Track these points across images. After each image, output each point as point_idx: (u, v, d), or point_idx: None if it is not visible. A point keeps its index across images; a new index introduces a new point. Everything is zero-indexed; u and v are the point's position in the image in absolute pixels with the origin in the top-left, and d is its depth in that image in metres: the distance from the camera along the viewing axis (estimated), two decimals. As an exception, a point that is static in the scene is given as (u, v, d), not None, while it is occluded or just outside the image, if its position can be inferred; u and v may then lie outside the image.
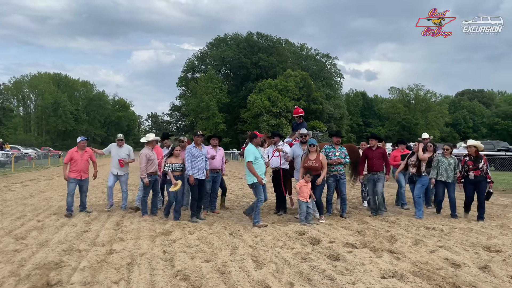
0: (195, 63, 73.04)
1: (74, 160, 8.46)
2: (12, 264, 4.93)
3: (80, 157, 8.48)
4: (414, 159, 8.38)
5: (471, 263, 4.88)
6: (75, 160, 8.46)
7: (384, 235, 6.43)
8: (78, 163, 8.44)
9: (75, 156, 8.47)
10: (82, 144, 8.60)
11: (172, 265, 4.85)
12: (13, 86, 74.54)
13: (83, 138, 8.71)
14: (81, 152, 8.53)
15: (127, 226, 7.20)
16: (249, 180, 7.47)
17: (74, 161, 8.46)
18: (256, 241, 6.11)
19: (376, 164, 8.34)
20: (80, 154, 8.50)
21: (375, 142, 8.54)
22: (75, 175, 8.42)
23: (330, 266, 4.77)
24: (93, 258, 5.10)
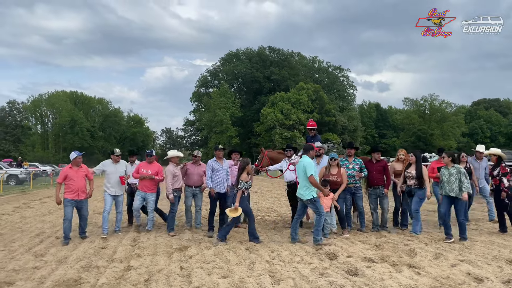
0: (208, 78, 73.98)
1: (69, 178, 7.43)
2: (32, 281, 5.00)
3: (76, 174, 7.49)
4: (411, 171, 7.70)
5: (494, 277, 4.75)
6: (70, 178, 7.44)
7: (403, 249, 6.31)
8: (74, 181, 7.44)
9: (70, 174, 7.45)
10: (78, 160, 7.60)
11: (190, 281, 4.85)
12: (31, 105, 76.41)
13: (78, 154, 7.66)
14: (76, 168, 7.57)
15: (144, 242, 7.23)
16: (307, 195, 6.95)
17: (70, 179, 7.44)
18: (273, 256, 6.07)
19: (377, 178, 8.08)
20: (76, 171, 7.52)
21: (378, 156, 8.32)
22: (72, 196, 7.40)
23: (349, 281, 4.70)
24: (111, 274, 5.14)
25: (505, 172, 7.69)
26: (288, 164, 8.71)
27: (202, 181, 8.51)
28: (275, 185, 20.63)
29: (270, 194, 17.16)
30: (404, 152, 8.17)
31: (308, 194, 6.94)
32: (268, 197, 15.94)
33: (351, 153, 8.31)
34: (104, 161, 8.39)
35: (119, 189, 8.17)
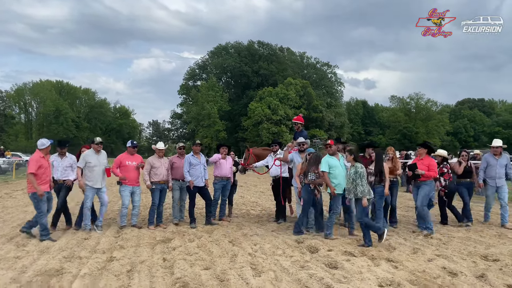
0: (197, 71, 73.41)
1: (42, 169, 6.77)
2: (13, 270, 4.98)
3: (47, 165, 6.95)
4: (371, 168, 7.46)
5: (468, 271, 4.93)
6: (44, 168, 6.81)
7: (383, 244, 6.46)
8: (47, 171, 6.89)
9: (44, 164, 6.83)
10: (49, 148, 7.01)
11: (172, 273, 4.90)
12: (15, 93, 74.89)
13: (51, 142, 7.05)
14: (46, 158, 7.01)
15: (127, 234, 7.24)
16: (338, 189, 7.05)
17: (43, 170, 6.78)
18: (255, 249, 6.16)
19: None
20: (47, 161, 6.97)
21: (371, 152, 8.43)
22: (45, 187, 6.80)
23: (328, 274, 4.81)
24: (94, 265, 5.16)
25: (442, 172, 8.10)
26: (274, 160, 8.81)
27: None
28: (261, 180, 20.74)
29: (256, 188, 17.28)
30: (392, 150, 8.30)
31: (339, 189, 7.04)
32: (254, 191, 16.05)
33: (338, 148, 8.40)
34: (85, 152, 7.75)
35: (102, 182, 7.70)
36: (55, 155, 7.68)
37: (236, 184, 9.75)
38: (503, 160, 8.32)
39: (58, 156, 7.64)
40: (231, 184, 9.09)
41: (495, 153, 8.39)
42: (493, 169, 8.28)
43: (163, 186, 8.21)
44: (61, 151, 7.65)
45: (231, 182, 9.08)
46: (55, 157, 7.61)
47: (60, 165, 7.55)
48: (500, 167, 8.25)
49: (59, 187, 7.55)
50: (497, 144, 8.44)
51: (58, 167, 7.54)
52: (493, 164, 8.29)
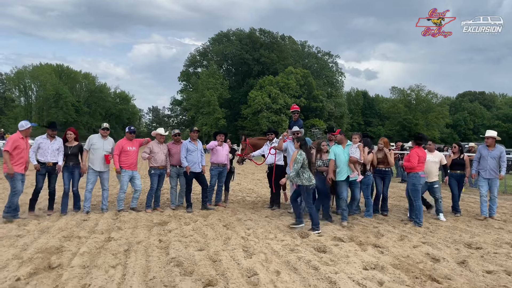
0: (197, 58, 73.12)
1: (20, 149, 6.91)
2: (15, 248, 5.20)
3: (26, 147, 7.03)
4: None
5: (450, 258, 5.15)
6: (21, 149, 6.93)
7: (372, 231, 6.69)
8: (24, 153, 6.97)
9: (21, 145, 6.93)
10: (30, 130, 7.14)
11: (167, 253, 5.12)
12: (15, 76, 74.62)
13: (33, 124, 7.19)
14: (25, 140, 7.12)
15: (125, 216, 7.46)
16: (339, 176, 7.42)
17: (20, 151, 6.92)
18: (248, 233, 6.38)
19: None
20: (25, 143, 7.07)
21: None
22: (21, 169, 6.94)
23: (316, 257, 5.03)
24: (92, 244, 5.37)
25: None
26: (270, 148, 8.98)
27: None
28: (258, 168, 20.95)
29: (253, 176, 17.52)
30: (384, 141, 8.47)
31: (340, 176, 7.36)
32: (251, 179, 16.28)
33: (332, 137, 8.60)
34: (92, 135, 8.10)
35: (104, 166, 7.89)
36: (42, 137, 7.58)
37: (233, 171, 9.95)
38: (496, 152, 8.23)
39: (47, 138, 7.54)
40: (227, 171, 9.29)
41: (487, 144, 8.33)
42: (485, 160, 8.25)
43: (161, 171, 8.41)
44: (52, 133, 7.58)
45: (228, 168, 9.27)
46: (43, 139, 7.53)
47: (50, 148, 7.48)
48: (492, 158, 8.19)
49: (49, 170, 7.48)
50: (489, 134, 8.36)
51: (48, 149, 7.45)
52: (485, 155, 8.26)
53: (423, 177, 7.61)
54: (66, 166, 7.66)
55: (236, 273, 4.35)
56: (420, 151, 7.57)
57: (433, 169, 8.15)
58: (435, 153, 8.33)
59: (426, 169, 7.97)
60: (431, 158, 8.13)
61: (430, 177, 8.09)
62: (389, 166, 8.35)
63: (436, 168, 8.19)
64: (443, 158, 8.37)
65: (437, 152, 8.46)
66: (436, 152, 8.38)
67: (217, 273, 4.38)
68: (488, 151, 8.28)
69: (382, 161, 8.23)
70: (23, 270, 4.29)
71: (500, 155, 8.22)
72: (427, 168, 7.97)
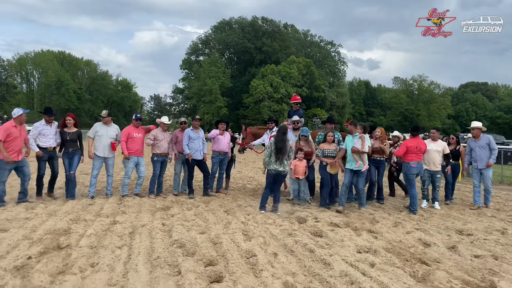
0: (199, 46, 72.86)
1: (12, 137, 6.88)
2: (25, 229, 5.43)
3: (19, 134, 7.03)
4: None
5: (441, 243, 5.38)
6: (13, 137, 6.89)
7: (367, 217, 6.92)
8: (16, 141, 6.97)
9: (14, 133, 6.92)
10: (23, 117, 7.15)
11: (170, 235, 5.35)
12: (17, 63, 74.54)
13: (24, 111, 7.15)
14: (19, 127, 7.10)
15: (129, 201, 7.70)
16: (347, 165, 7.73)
17: (12, 138, 6.88)
18: (248, 218, 6.61)
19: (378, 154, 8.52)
20: (19, 130, 7.06)
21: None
22: (14, 157, 6.94)
23: (312, 241, 5.26)
24: (98, 227, 5.61)
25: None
26: (270, 137, 9.17)
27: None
28: (259, 157, 21.16)
29: (254, 165, 17.75)
30: (380, 130, 8.65)
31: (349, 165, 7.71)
32: (252, 167, 16.51)
33: (332, 127, 8.76)
34: (96, 123, 8.30)
35: (109, 152, 8.08)
36: (41, 123, 7.68)
37: (234, 159, 10.15)
38: (482, 141, 8.30)
39: (46, 124, 7.68)
40: (228, 159, 9.50)
41: (473, 135, 8.45)
42: (474, 152, 8.39)
43: (164, 158, 8.63)
44: (49, 119, 7.69)
45: (229, 156, 9.48)
46: (43, 126, 7.66)
47: (50, 133, 7.67)
48: (480, 148, 8.27)
49: (51, 154, 7.68)
50: (474, 125, 8.43)
51: (49, 134, 7.63)
52: (474, 147, 8.40)
53: (414, 167, 7.71)
54: (66, 152, 7.81)
55: (236, 254, 4.59)
56: (412, 141, 7.70)
57: (436, 158, 8.19)
58: (438, 142, 8.38)
59: (428, 158, 8.15)
60: (434, 147, 8.22)
61: (433, 166, 8.19)
62: (384, 155, 8.52)
63: (439, 157, 8.23)
64: (446, 148, 8.41)
65: (441, 141, 8.50)
66: (439, 141, 8.43)
67: (217, 254, 4.61)
68: (476, 142, 8.40)
69: (377, 150, 8.41)
70: (34, 250, 4.53)
71: (488, 142, 8.26)
72: (429, 157, 8.15)
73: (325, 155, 7.99)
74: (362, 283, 3.77)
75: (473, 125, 8.50)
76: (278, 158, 7.12)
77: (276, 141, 7.19)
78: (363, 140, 7.61)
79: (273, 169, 7.16)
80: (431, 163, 8.21)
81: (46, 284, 3.59)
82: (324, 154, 8.00)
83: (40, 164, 7.68)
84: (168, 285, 3.64)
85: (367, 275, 4.02)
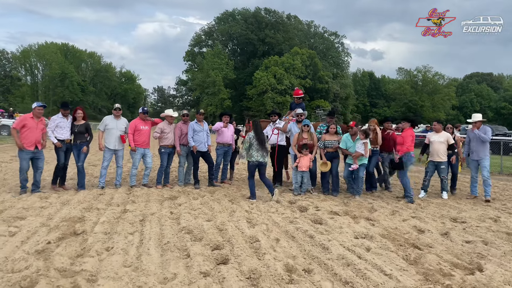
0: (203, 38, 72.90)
1: (27, 128, 7.36)
2: (41, 217, 5.78)
3: (36, 126, 7.48)
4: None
5: (435, 230, 5.67)
6: (28, 128, 7.37)
7: (366, 206, 7.22)
8: (32, 132, 7.40)
9: (29, 124, 7.39)
10: (38, 111, 7.56)
11: (178, 223, 5.68)
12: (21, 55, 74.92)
13: (39, 104, 7.59)
14: (37, 120, 7.55)
15: (137, 191, 8.03)
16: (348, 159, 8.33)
17: (28, 129, 7.36)
18: (252, 207, 6.93)
19: (390, 145, 8.77)
20: (36, 123, 7.51)
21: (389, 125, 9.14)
22: (29, 147, 7.38)
23: (312, 228, 5.57)
24: (111, 215, 5.94)
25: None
26: (273, 129, 9.45)
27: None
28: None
29: (257, 156, 18.06)
30: (374, 123, 8.93)
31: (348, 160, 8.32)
32: (255, 158, 16.82)
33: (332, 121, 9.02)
34: (105, 116, 8.64)
35: (119, 144, 8.40)
36: (59, 116, 8.05)
37: (238, 150, 10.45)
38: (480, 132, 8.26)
39: (64, 118, 8.05)
40: (232, 150, 9.79)
41: (476, 128, 8.40)
42: (472, 142, 8.43)
43: (171, 150, 8.94)
44: (65, 112, 8.06)
45: (233, 148, 9.78)
46: (60, 118, 8.02)
47: (67, 126, 8.04)
48: (476, 140, 8.30)
49: (68, 146, 8.07)
50: (476, 119, 8.42)
51: (66, 127, 8.02)
52: (472, 138, 8.44)
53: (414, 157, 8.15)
54: (75, 144, 8.16)
55: (240, 239, 4.90)
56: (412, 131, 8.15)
57: (440, 149, 8.37)
58: (441, 133, 8.56)
59: (433, 150, 8.41)
60: (437, 139, 8.44)
61: (437, 157, 8.39)
62: (377, 145, 8.80)
63: (443, 148, 8.39)
64: (450, 138, 8.55)
65: (444, 132, 8.65)
66: (442, 132, 8.60)
67: (223, 239, 4.93)
68: (475, 134, 8.36)
69: (371, 141, 8.68)
70: (52, 235, 4.86)
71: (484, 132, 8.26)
72: (433, 149, 8.41)
73: (326, 146, 8.33)
74: (357, 265, 4.07)
75: (475, 119, 8.47)
76: (261, 150, 7.59)
77: (257, 135, 7.63)
78: (366, 146, 8.07)
79: (255, 161, 7.62)
80: (435, 154, 8.42)
81: (67, 266, 3.92)
82: (325, 145, 8.34)
83: (59, 154, 8.04)
84: (178, 266, 3.96)
85: (362, 258, 4.33)
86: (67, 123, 8.06)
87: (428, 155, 8.86)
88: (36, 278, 3.57)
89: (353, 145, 8.11)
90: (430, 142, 8.52)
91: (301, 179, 8.38)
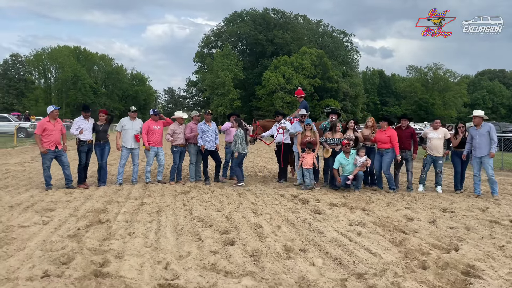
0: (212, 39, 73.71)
1: (47, 131, 8.08)
2: (69, 209, 6.48)
3: (54, 127, 8.19)
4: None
5: (424, 218, 6.21)
6: (48, 130, 8.09)
7: (364, 199, 7.78)
8: (52, 134, 8.12)
9: (48, 127, 8.12)
10: (55, 113, 8.27)
11: (191, 213, 6.32)
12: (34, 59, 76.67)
13: (55, 108, 8.30)
14: (54, 122, 8.25)
15: (153, 187, 8.71)
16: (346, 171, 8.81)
17: (48, 132, 8.07)
18: (258, 200, 7.55)
19: (405, 143, 8.88)
20: (53, 124, 8.21)
21: (406, 123, 9.07)
22: (50, 147, 8.13)
23: (311, 217, 6.17)
24: (130, 207, 6.62)
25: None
26: (278, 128, 10.06)
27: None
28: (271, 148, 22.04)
29: (265, 155, 18.68)
30: (372, 120, 9.43)
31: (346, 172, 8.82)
32: (263, 157, 17.45)
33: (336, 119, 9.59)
34: (122, 118, 9.33)
35: (134, 144, 9.11)
36: (81, 118, 8.75)
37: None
38: (483, 129, 8.32)
39: (85, 120, 8.76)
40: None
41: (475, 123, 8.47)
42: (475, 140, 8.39)
43: (182, 149, 9.60)
44: (86, 115, 8.78)
45: None
46: (82, 121, 8.73)
47: (88, 127, 8.71)
48: (480, 136, 8.29)
49: (89, 146, 8.77)
50: (476, 114, 8.49)
51: (87, 128, 8.68)
52: (474, 135, 8.41)
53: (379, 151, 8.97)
54: (98, 144, 8.89)
55: (246, 226, 5.52)
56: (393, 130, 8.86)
57: (438, 145, 8.85)
58: (439, 130, 9.01)
59: (431, 145, 8.93)
60: (435, 135, 8.93)
61: (435, 152, 8.87)
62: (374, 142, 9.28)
63: (441, 143, 8.88)
64: (447, 133, 8.99)
65: (441, 129, 9.05)
66: (440, 129, 9.02)
67: (231, 226, 5.55)
68: (477, 130, 8.42)
69: (369, 138, 9.19)
70: (81, 223, 5.54)
71: (489, 131, 8.27)
72: (431, 144, 8.93)
73: (328, 142, 8.90)
74: (347, 246, 4.65)
75: (475, 114, 8.55)
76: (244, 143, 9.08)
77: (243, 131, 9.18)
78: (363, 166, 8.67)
79: (246, 152, 9.28)
80: (434, 149, 8.91)
81: (96, 246, 4.58)
82: (327, 141, 8.91)
83: (81, 155, 8.73)
84: (191, 246, 4.59)
85: (353, 241, 4.90)
86: (88, 125, 8.77)
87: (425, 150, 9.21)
88: (73, 255, 4.23)
89: (348, 161, 8.59)
90: (429, 139, 8.98)
91: (307, 174, 8.92)
